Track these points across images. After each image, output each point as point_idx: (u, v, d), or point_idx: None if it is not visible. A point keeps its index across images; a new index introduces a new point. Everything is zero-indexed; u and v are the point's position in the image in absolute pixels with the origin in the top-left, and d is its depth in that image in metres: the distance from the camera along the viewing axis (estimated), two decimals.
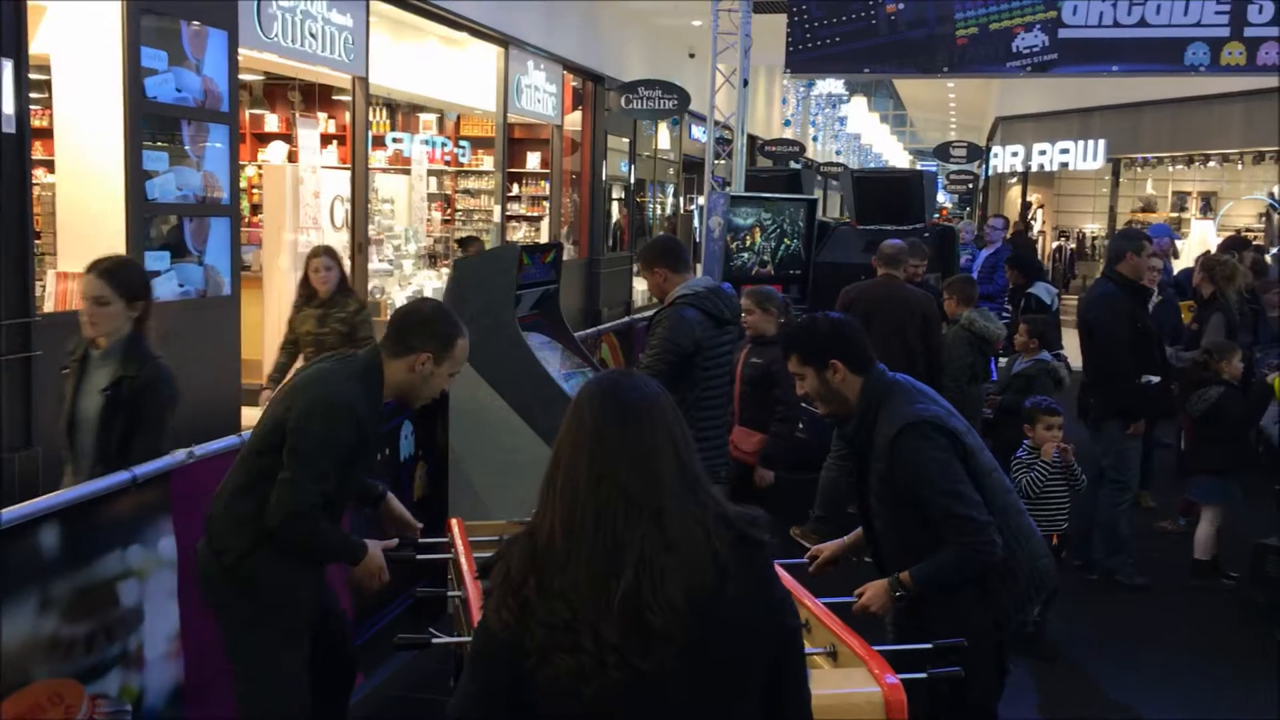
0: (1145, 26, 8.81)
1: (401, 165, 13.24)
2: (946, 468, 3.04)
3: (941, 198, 36.45)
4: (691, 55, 18.91)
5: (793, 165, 23.56)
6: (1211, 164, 19.13)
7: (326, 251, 6.32)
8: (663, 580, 1.68)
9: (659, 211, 21.05)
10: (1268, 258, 15.74)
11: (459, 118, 14.56)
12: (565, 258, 15.39)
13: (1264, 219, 19.23)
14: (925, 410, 3.11)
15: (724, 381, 4.77)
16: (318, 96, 11.60)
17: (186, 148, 7.44)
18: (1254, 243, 16.48)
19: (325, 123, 12.25)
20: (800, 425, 7.18)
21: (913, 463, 3.04)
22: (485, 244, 7.14)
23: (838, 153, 35.38)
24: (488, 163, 14.47)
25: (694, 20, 15.37)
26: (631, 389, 1.80)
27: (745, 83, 9.82)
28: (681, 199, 22.48)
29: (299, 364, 6.07)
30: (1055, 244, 22.38)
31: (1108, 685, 5.02)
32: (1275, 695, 4.92)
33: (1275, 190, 19.26)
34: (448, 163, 14.48)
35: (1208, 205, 21.02)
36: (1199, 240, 16.00)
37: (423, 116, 14.00)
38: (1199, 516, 6.38)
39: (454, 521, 3.68)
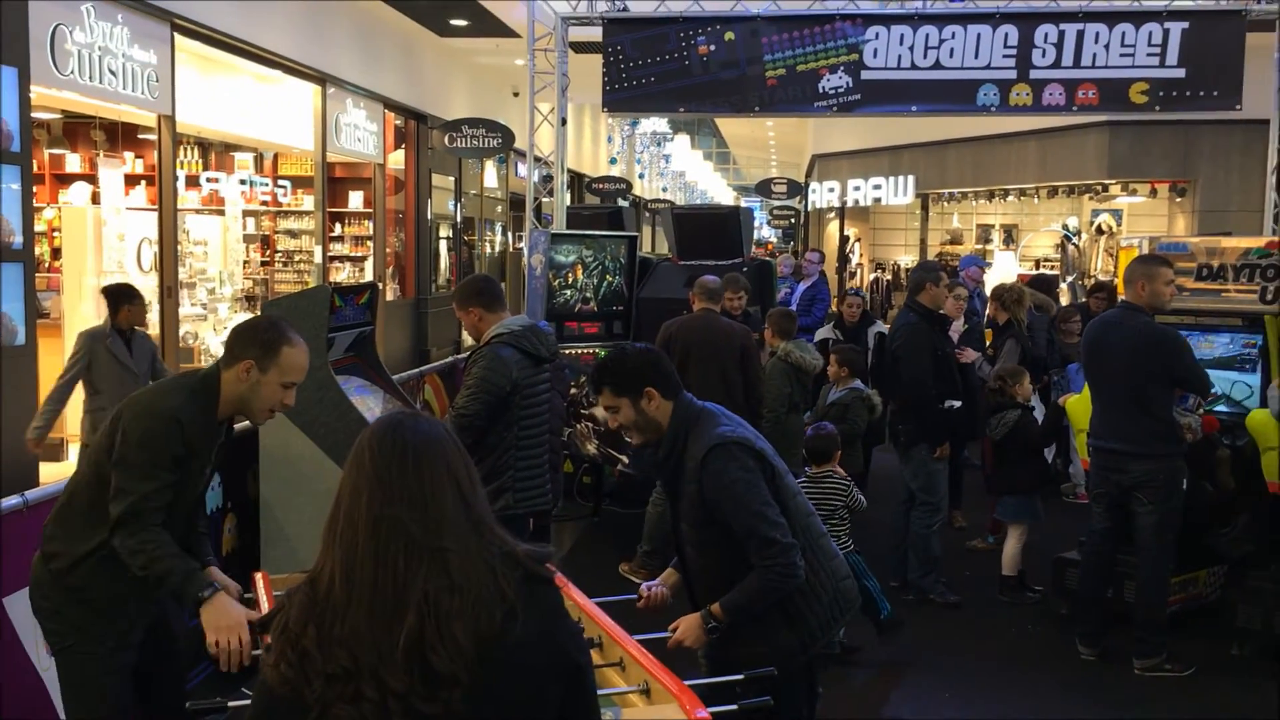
0: (940, 69, 9.28)
1: (216, 206, 12.80)
2: (753, 488, 3.10)
3: (767, 232, 37.51)
4: (515, 94, 18.96)
5: (620, 202, 23.87)
6: (1010, 198, 20.25)
7: None
8: (447, 622, 1.65)
9: (488, 250, 20.95)
10: (1063, 285, 16.76)
11: (276, 156, 14.19)
12: (391, 298, 15.25)
13: (1060, 249, 20.43)
14: (733, 431, 3.17)
15: (543, 419, 4.74)
16: (122, 136, 11.11)
17: None
18: (1051, 272, 17.52)
19: (133, 163, 11.75)
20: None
21: (721, 483, 3.09)
22: (139, 293, 6.72)
23: (664, 189, 36.00)
24: (308, 202, 14.13)
25: (517, 59, 15.42)
26: (412, 429, 1.77)
27: (564, 121, 9.88)
28: (510, 236, 22.45)
29: None
30: (873, 275, 23.26)
31: (924, 701, 5.18)
32: (1080, 699, 5.18)
33: (1069, 222, 20.52)
34: (266, 203, 14.08)
35: (1010, 237, 22.22)
36: (1001, 271, 16.89)
37: (238, 156, 13.59)
38: (1006, 534, 6.69)
39: (259, 576, 3.54)
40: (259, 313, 8.63)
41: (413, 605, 1.65)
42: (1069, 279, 18.30)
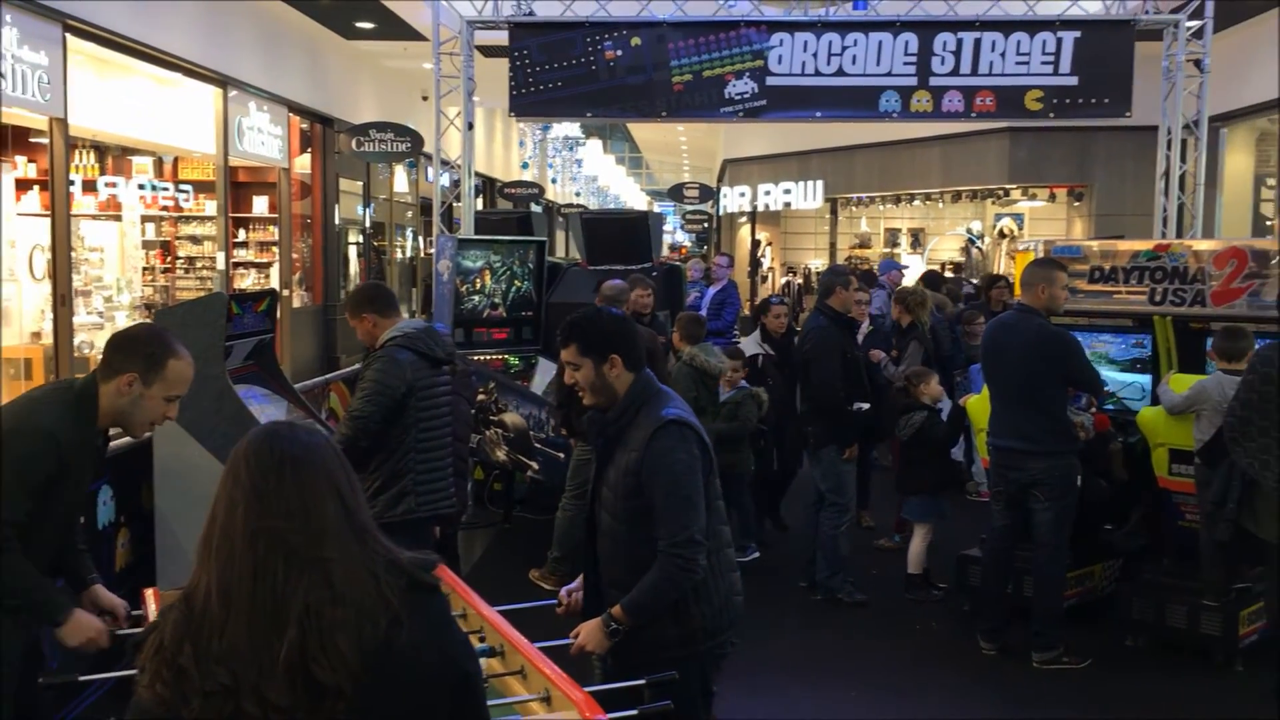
0: (843, 76, 9.43)
1: (115, 211, 12.45)
2: (693, 474, 3.15)
3: (681, 236, 37.70)
4: (425, 98, 18.76)
5: (533, 207, 23.79)
6: (917, 202, 20.65)
7: None
8: (330, 633, 1.62)
9: (399, 255, 20.72)
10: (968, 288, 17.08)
11: (176, 160, 13.85)
12: (298, 305, 15.00)
13: (964, 252, 20.90)
14: (691, 418, 3.24)
15: (444, 422, 4.68)
16: (12, 139, 10.73)
17: None
18: (951, 275, 17.90)
19: (25, 167, 11.35)
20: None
21: (665, 460, 3.12)
22: None
23: (577, 194, 35.97)
24: (211, 207, 13.82)
25: (424, 63, 15.27)
26: (289, 439, 1.74)
27: (470, 126, 9.81)
28: (422, 241, 22.22)
29: None
30: (784, 279, 23.52)
31: (829, 700, 5.24)
32: (981, 695, 5.29)
33: (973, 226, 21.00)
34: (167, 208, 13.73)
35: (917, 240, 22.67)
36: (909, 274, 17.20)
37: (136, 160, 13.22)
38: (913, 533, 6.80)
39: (149, 593, 3.44)
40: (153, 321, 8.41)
41: (294, 618, 1.61)
42: (973, 282, 18.70)
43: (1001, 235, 19.91)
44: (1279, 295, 5.22)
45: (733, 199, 23.96)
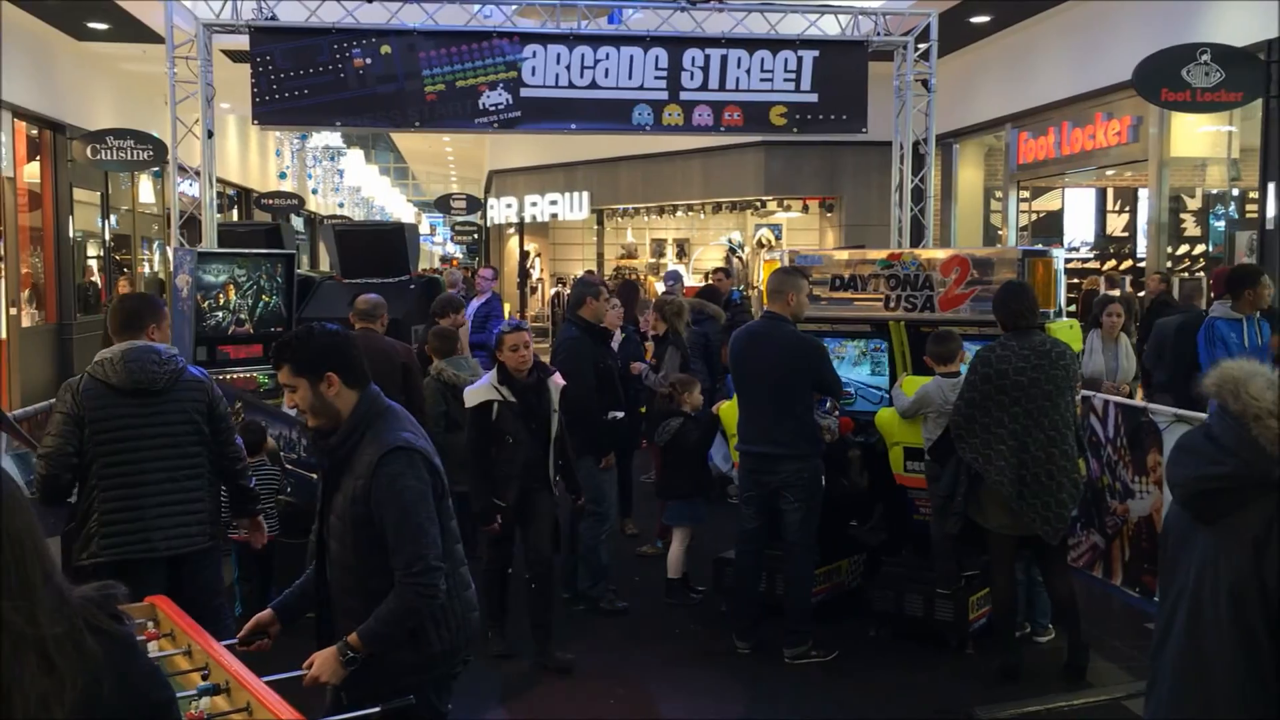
0: (596, 89, 9.54)
1: None
2: (423, 501, 3.06)
3: (452, 248, 37.27)
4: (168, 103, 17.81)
5: (294, 219, 22.95)
6: (680, 213, 21.15)
7: None
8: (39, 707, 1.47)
9: (146, 269, 19.56)
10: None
11: None
12: (28, 324, 13.90)
13: (727, 260, 21.55)
14: (416, 441, 3.13)
15: (138, 457, 4.29)
16: None
17: None
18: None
19: None
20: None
21: (393, 488, 3.02)
22: None
23: (340, 205, 34.98)
24: None
25: (165, 67, 14.51)
26: None
27: (210, 134, 9.35)
28: (172, 254, 21.05)
29: None
30: (553, 290, 23.60)
31: (590, 705, 5.24)
32: (735, 692, 5.41)
33: (733, 236, 21.69)
34: None
35: (682, 250, 23.21)
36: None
37: None
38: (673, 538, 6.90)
39: None
40: None
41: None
42: (740, 289, 19.30)
43: (760, 245, 20.65)
44: (994, 297, 5.56)
45: (500, 210, 23.88)
